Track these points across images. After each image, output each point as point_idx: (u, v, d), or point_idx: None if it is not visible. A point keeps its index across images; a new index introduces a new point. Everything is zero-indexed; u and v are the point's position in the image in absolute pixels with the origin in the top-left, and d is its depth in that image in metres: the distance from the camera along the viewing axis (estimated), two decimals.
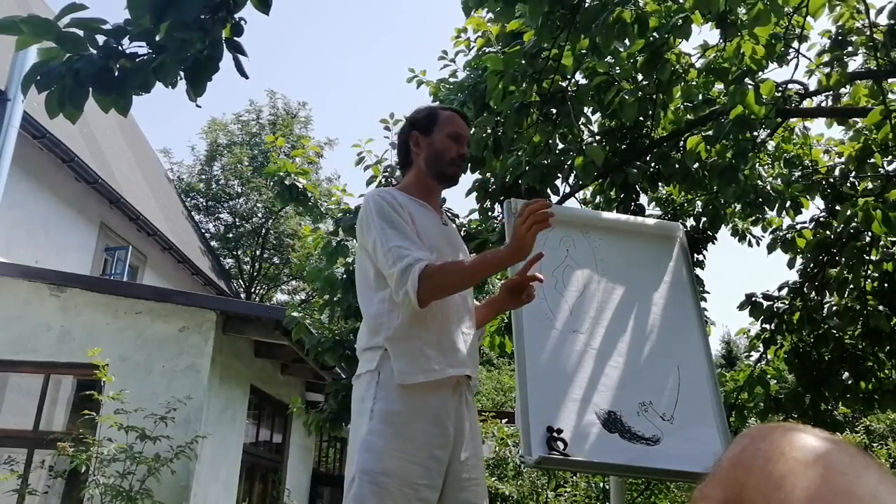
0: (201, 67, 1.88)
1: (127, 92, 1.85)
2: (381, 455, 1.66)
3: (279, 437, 8.62)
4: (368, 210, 1.86)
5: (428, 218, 1.92)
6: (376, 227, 1.81)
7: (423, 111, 2.08)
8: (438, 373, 1.76)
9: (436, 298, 1.75)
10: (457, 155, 1.98)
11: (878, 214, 3.67)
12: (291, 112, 22.89)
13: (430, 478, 1.70)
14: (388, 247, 1.76)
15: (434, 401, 1.76)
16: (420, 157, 2.00)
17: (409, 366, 1.74)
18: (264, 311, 6.99)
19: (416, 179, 2.01)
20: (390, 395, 1.73)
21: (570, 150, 3.93)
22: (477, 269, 1.80)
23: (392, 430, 1.69)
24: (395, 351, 1.76)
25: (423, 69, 4.76)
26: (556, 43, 3.25)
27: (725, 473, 0.52)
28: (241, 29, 1.95)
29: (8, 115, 6.99)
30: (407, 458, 1.67)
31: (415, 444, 1.69)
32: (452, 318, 1.85)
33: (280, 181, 4.46)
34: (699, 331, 2.77)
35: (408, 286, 1.70)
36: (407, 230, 1.81)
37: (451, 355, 1.80)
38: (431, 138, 1.99)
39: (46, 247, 8.50)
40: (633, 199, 4.49)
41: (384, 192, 1.90)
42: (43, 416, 6.14)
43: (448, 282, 1.76)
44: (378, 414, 1.71)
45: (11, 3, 9.49)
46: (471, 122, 2.17)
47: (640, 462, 2.37)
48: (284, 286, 22.53)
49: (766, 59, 3.59)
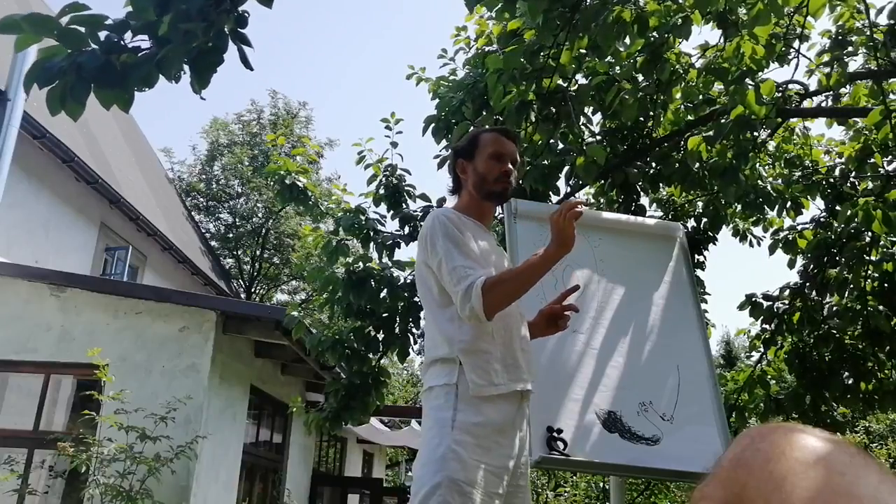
0: (206, 59, 1.87)
1: (129, 87, 1.84)
2: (468, 465, 1.74)
3: (279, 437, 8.62)
4: (434, 229, 1.94)
5: (484, 237, 2.03)
6: (441, 246, 1.90)
7: (467, 137, 2.16)
8: (504, 387, 1.85)
9: (500, 308, 1.84)
10: (501, 173, 2.03)
11: (878, 214, 3.67)
12: (292, 112, 22.89)
13: (502, 487, 1.80)
14: (453, 266, 1.86)
15: (506, 412, 1.85)
16: (468, 182, 2.08)
17: (480, 378, 1.83)
18: (264, 311, 6.99)
19: (469, 201, 2.09)
20: (470, 407, 1.81)
21: (570, 151, 3.93)
22: (530, 271, 1.85)
23: (475, 441, 1.77)
24: (467, 363, 1.84)
25: (423, 67, 4.76)
26: (555, 42, 3.25)
27: (726, 473, 0.52)
28: (245, 20, 1.94)
29: (8, 115, 6.99)
30: (489, 468, 1.76)
31: (491, 454, 1.79)
32: (514, 333, 1.94)
33: (280, 180, 4.46)
34: (699, 331, 2.77)
35: (472, 302, 1.79)
36: (470, 250, 1.90)
37: (513, 370, 1.89)
38: (475, 163, 2.06)
39: (46, 247, 8.50)
40: (634, 199, 4.49)
41: (449, 213, 2.01)
42: (43, 416, 6.14)
43: (507, 290, 1.83)
44: (460, 425, 1.78)
45: (11, 3, 9.49)
46: (517, 135, 2.21)
47: (640, 462, 2.37)
48: (284, 286, 22.53)
49: (766, 59, 3.59)
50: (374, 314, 4.31)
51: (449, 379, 1.85)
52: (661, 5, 3.51)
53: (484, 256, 1.94)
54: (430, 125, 4.14)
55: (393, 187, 4.43)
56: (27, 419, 6.08)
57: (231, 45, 1.92)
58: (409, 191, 4.45)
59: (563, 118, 3.62)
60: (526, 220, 2.72)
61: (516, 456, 1.87)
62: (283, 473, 8.40)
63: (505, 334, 1.91)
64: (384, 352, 4.46)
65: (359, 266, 4.22)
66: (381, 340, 4.39)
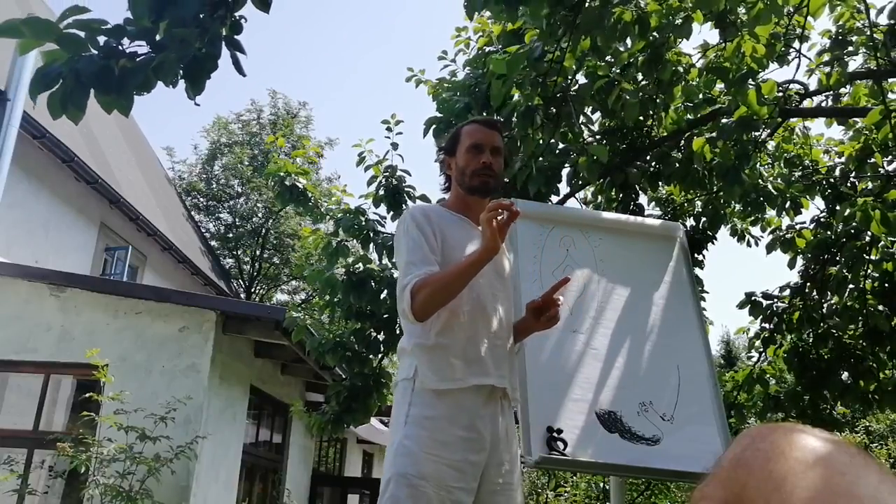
0: (200, 66, 1.88)
1: (128, 91, 1.85)
2: (417, 458, 1.72)
3: (279, 437, 8.62)
4: (399, 227, 1.99)
5: (462, 231, 1.98)
6: (401, 244, 1.93)
7: (450, 134, 2.15)
8: (460, 382, 1.81)
9: (429, 310, 1.80)
10: (478, 165, 1.99)
11: (876, 214, 3.67)
12: (292, 112, 22.88)
13: (464, 481, 1.75)
14: (402, 263, 1.89)
15: (468, 406, 1.81)
16: (454, 178, 2.08)
17: (434, 373, 1.82)
18: (264, 311, 6.98)
19: (456, 197, 2.08)
20: (425, 400, 1.80)
21: (570, 151, 3.92)
22: (458, 274, 1.80)
23: (428, 434, 1.75)
24: (421, 358, 1.84)
25: (422, 69, 4.76)
26: (558, 45, 3.25)
27: (726, 473, 0.52)
28: (241, 27, 1.95)
29: (8, 115, 6.99)
30: (442, 461, 1.73)
31: (449, 448, 1.75)
32: (480, 329, 1.89)
33: (280, 181, 4.46)
34: (699, 331, 2.77)
35: (403, 304, 1.80)
36: (424, 248, 1.88)
37: (475, 365, 1.85)
38: (456, 158, 2.06)
39: (46, 247, 8.50)
40: (633, 199, 4.49)
41: (416, 208, 2.01)
42: (43, 417, 6.13)
43: (434, 292, 1.79)
44: (413, 419, 1.78)
45: (11, 2, 9.49)
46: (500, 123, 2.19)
47: (641, 462, 2.37)
48: (284, 286, 22.53)
49: (767, 58, 3.59)
50: (375, 315, 4.31)
51: (407, 374, 1.86)
52: (662, 5, 3.51)
53: (457, 250, 1.91)
54: (431, 127, 4.14)
55: (393, 188, 4.43)
56: (27, 419, 6.07)
57: (225, 51, 1.94)
58: (409, 192, 4.44)
59: (564, 118, 3.62)
60: (526, 220, 2.72)
61: (487, 452, 1.82)
62: (283, 473, 8.39)
63: (470, 328, 1.87)
64: (385, 353, 4.45)
65: (359, 267, 4.22)
66: (381, 342, 4.38)
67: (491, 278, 1.96)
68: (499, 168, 2.05)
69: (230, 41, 1.94)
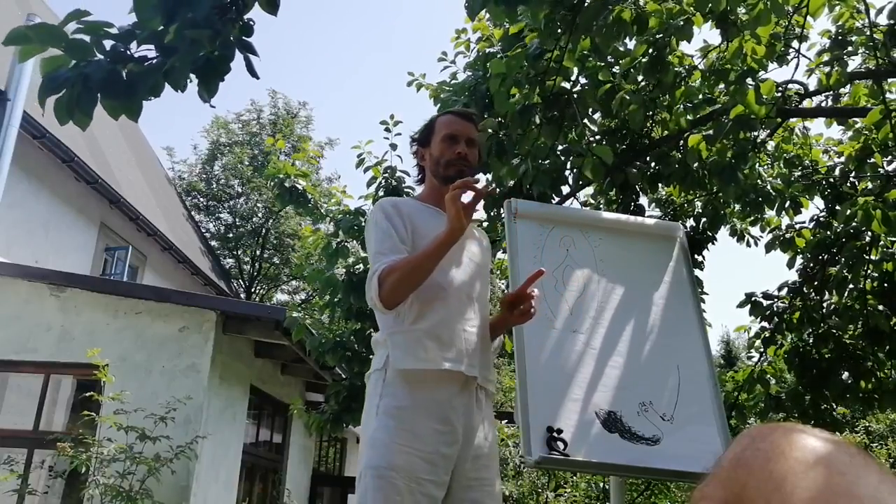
0: (213, 68, 1.87)
1: (137, 97, 1.84)
2: (387, 449, 1.68)
3: (279, 437, 8.62)
4: (368, 220, 1.97)
5: (434, 222, 1.91)
6: (370, 237, 1.91)
7: (424, 125, 2.13)
8: (432, 363, 1.77)
9: (399, 295, 1.77)
10: (453, 155, 1.97)
11: (877, 214, 3.67)
12: (292, 112, 22.88)
13: (435, 474, 1.70)
14: (372, 254, 1.87)
15: (441, 398, 1.77)
16: (428, 169, 2.06)
17: (404, 353, 1.78)
18: (264, 311, 6.99)
19: (430, 188, 2.07)
20: (396, 391, 1.76)
21: (572, 152, 3.92)
22: (424, 257, 1.76)
23: (397, 424, 1.72)
24: (393, 342, 1.81)
25: (423, 72, 4.75)
26: (557, 45, 3.25)
27: (726, 473, 0.52)
28: (251, 29, 1.94)
29: (8, 115, 6.99)
30: (412, 452, 1.69)
31: (420, 439, 1.71)
32: (454, 314, 1.86)
33: (280, 183, 4.46)
34: (699, 331, 2.77)
35: (371, 292, 1.78)
36: (393, 238, 1.86)
37: (448, 349, 1.80)
38: (430, 148, 2.04)
39: (46, 247, 8.50)
40: (633, 199, 4.48)
41: (385, 202, 1.98)
42: (43, 417, 6.14)
43: (402, 277, 1.75)
44: (384, 409, 1.75)
45: (11, 2, 9.49)
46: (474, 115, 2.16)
47: (640, 462, 2.37)
48: (284, 286, 22.53)
49: (767, 58, 3.59)
50: (375, 315, 4.30)
51: (378, 364, 1.83)
52: (662, 6, 3.51)
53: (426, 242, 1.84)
54: None
55: (392, 189, 4.43)
56: (27, 419, 6.08)
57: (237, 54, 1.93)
58: (408, 192, 4.45)
59: (567, 120, 3.62)
60: (526, 220, 2.72)
61: (462, 443, 1.78)
62: (283, 473, 8.39)
63: (444, 313, 1.84)
64: None
65: (359, 267, 4.22)
66: None
67: (463, 265, 1.94)
68: (473, 159, 2.03)
69: (242, 43, 1.93)
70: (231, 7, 1.88)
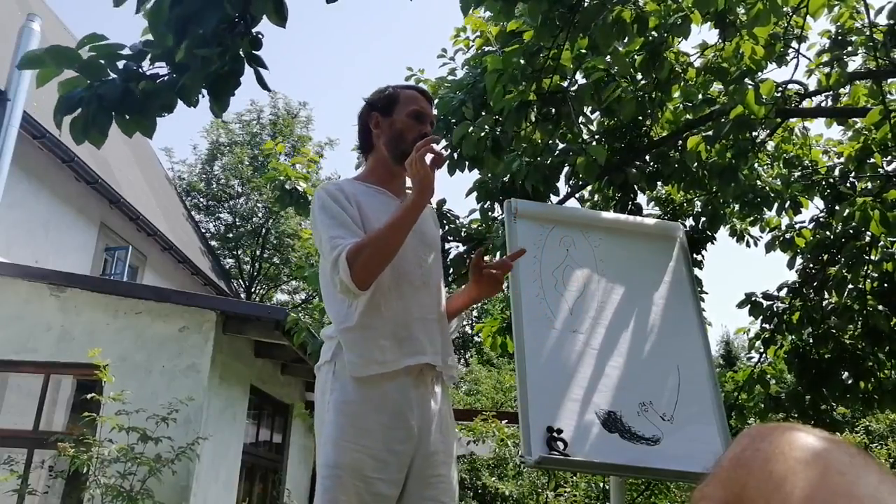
0: (224, 83, 1.88)
1: (151, 114, 1.84)
2: (335, 447, 1.61)
3: (279, 437, 8.62)
4: (313, 206, 1.81)
5: (381, 204, 1.82)
6: (319, 222, 1.76)
7: (384, 90, 1.95)
8: (392, 364, 1.68)
9: (372, 272, 1.65)
10: (419, 135, 1.81)
11: (876, 214, 3.67)
12: (292, 112, 22.87)
13: (385, 472, 1.62)
14: (327, 238, 1.71)
15: (393, 393, 1.68)
16: (380, 140, 1.89)
17: (360, 357, 1.68)
18: (264, 311, 6.98)
19: (375, 164, 1.91)
20: (346, 386, 1.67)
21: (569, 151, 3.92)
22: (394, 227, 1.66)
23: (346, 420, 1.64)
24: (347, 342, 1.70)
25: (421, 68, 4.76)
26: (555, 42, 3.25)
27: (726, 473, 0.52)
28: (260, 43, 1.94)
29: (8, 115, 6.99)
30: (361, 450, 1.61)
31: (371, 436, 1.63)
32: (411, 303, 1.76)
33: (280, 185, 4.46)
34: (699, 331, 2.77)
35: (340, 273, 1.62)
36: (346, 219, 1.73)
37: (407, 345, 1.72)
38: (392, 118, 1.87)
39: (46, 247, 8.50)
40: (631, 198, 4.49)
41: (328, 186, 1.83)
42: (43, 417, 6.13)
43: (373, 252, 1.64)
44: (334, 405, 1.66)
45: (12, 2, 9.49)
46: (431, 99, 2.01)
47: (640, 462, 2.37)
48: (284, 286, 22.52)
49: (766, 59, 3.59)
50: None
51: (326, 357, 1.74)
52: (661, 5, 3.51)
53: (377, 223, 1.72)
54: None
55: None
56: (27, 419, 6.07)
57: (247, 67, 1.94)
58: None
59: (563, 118, 3.62)
60: (526, 219, 2.72)
61: (417, 439, 1.68)
62: (283, 473, 8.39)
63: (398, 305, 1.73)
64: None
65: None
66: None
67: (415, 246, 1.81)
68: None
69: (252, 57, 1.92)
70: (239, 22, 1.89)
